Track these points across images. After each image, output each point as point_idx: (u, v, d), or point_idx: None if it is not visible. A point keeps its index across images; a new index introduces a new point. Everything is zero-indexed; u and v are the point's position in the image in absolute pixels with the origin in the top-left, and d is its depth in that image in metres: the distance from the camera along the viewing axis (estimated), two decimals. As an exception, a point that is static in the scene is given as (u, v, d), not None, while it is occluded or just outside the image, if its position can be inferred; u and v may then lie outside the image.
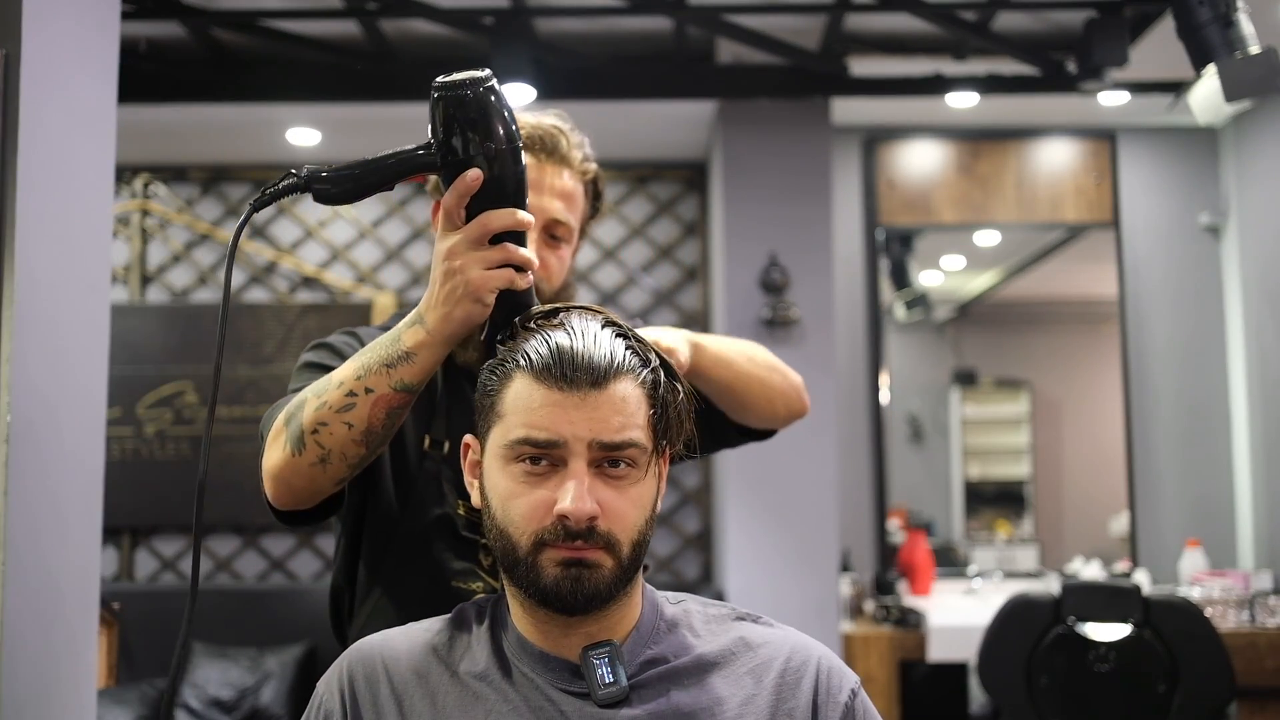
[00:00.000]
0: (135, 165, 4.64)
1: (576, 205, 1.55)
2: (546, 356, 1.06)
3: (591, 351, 1.06)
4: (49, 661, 1.70)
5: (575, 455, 1.04)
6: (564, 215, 1.52)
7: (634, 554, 1.07)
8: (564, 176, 1.52)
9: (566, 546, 1.04)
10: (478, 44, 3.74)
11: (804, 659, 1.13)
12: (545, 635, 1.10)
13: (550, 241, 1.52)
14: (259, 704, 3.84)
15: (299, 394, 1.29)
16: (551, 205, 1.51)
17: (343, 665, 1.13)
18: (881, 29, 3.81)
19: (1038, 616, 2.89)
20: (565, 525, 1.04)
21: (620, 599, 1.10)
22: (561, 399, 1.05)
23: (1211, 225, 4.43)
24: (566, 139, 1.53)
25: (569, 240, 1.55)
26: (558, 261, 1.53)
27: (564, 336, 1.07)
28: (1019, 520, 4.67)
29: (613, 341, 1.08)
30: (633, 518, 1.07)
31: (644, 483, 1.08)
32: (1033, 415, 4.69)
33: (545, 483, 1.05)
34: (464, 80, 1.13)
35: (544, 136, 1.51)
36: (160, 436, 4.53)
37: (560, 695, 1.08)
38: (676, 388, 1.12)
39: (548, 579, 1.05)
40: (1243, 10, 2.59)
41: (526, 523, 1.05)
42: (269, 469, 1.28)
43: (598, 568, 1.05)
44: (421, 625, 1.17)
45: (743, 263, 3.94)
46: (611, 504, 1.05)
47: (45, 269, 1.70)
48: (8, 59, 1.64)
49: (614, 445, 1.05)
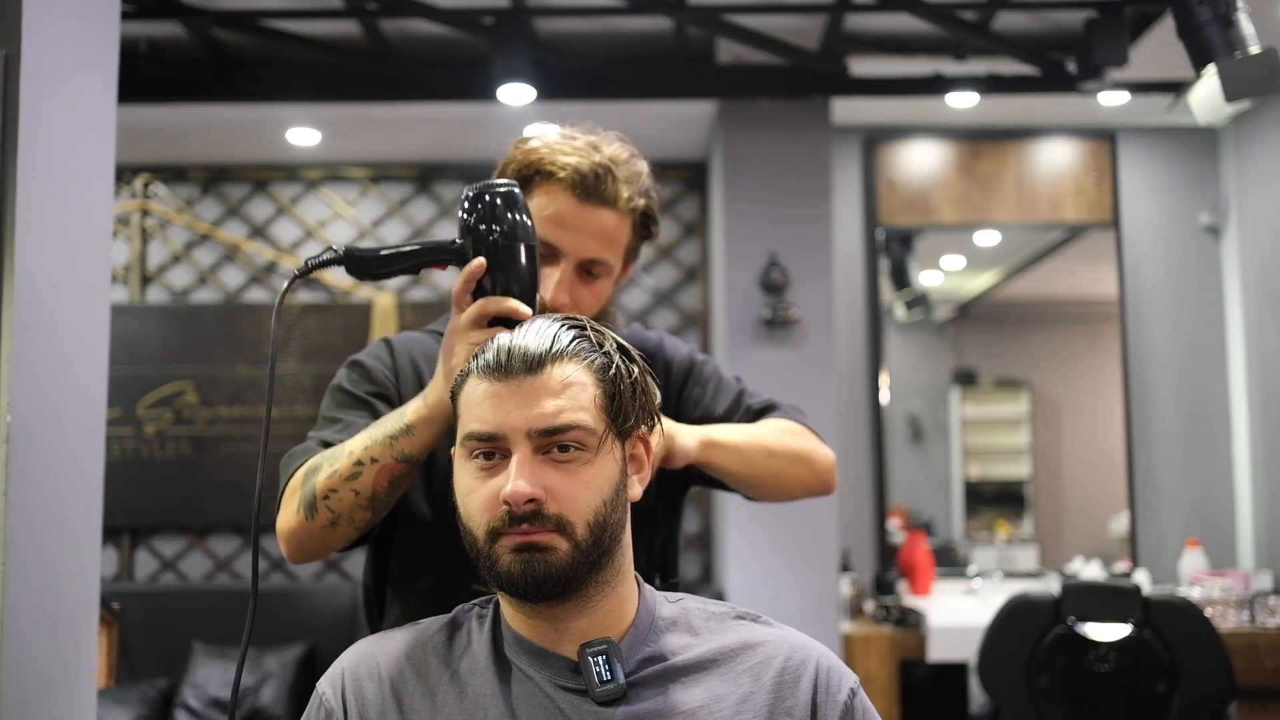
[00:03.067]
0: (135, 165, 4.64)
1: (618, 242, 1.52)
2: (489, 353, 1.10)
3: (529, 341, 1.09)
4: (49, 661, 1.70)
5: (516, 444, 1.07)
6: (601, 254, 1.50)
7: (592, 535, 1.07)
8: (604, 217, 1.49)
9: (517, 532, 1.06)
10: (478, 44, 3.74)
11: (803, 658, 1.13)
12: (538, 631, 1.11)
13: (585, 277, 1.51)
14: (259, 704, 3.84)
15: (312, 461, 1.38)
16: (587, 246, 1.48)
17: (343, 665, 1.14)
18: (881, 29, 3.81)
19: (1038, 616, 2.89)
20: (510, 511, 1.05)
21: (598, 588, 1.10)
22: (500, 389, 1.08)
23: (1211, 225, 4.43)
24: (614, 175, 1.49)
25: (607, 276, 1.53)
26: (592, 297, 1.52)
27: (511, 335, 1.11)
28: (1019, 520, 4.67)
29: (557, 331, 1.11)
30: (584, 499, 1.07)
31: (596, 464, 1.08)
32: (1033, 415, 4.69)
33: (495, 474, 1.08)
34: (486, 185, 1.31)
35: (586, 175, 1.48)
36: (160, 436, 4.53)
37: (558, 692, 1.08)
38: (632, 370, 1.13)
39: (502, 566, 1.06)
40: (1243, 10, 2.59)
41: (481, 515, 1.08)
42: (283, 531, 1.37)
43: (550, 550, 1.05)
44: (421, 625, 1.18)
45: (743, 263, 3.94)
46: (559, 487, 1.06)
47: (45, 269, 1.70)
48: (8, 59, 1.64)
49: (552, 430, 1.07)
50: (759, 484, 1.53)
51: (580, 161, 1.48)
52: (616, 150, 1.53)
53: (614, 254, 1.52)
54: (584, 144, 1.51)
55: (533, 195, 1.48)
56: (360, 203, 4.70)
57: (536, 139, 1.53)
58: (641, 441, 1.15)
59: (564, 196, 1.47)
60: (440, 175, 4.69)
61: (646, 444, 1.16)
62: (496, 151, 1.57)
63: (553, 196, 1.48)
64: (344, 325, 4.57)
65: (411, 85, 3.86)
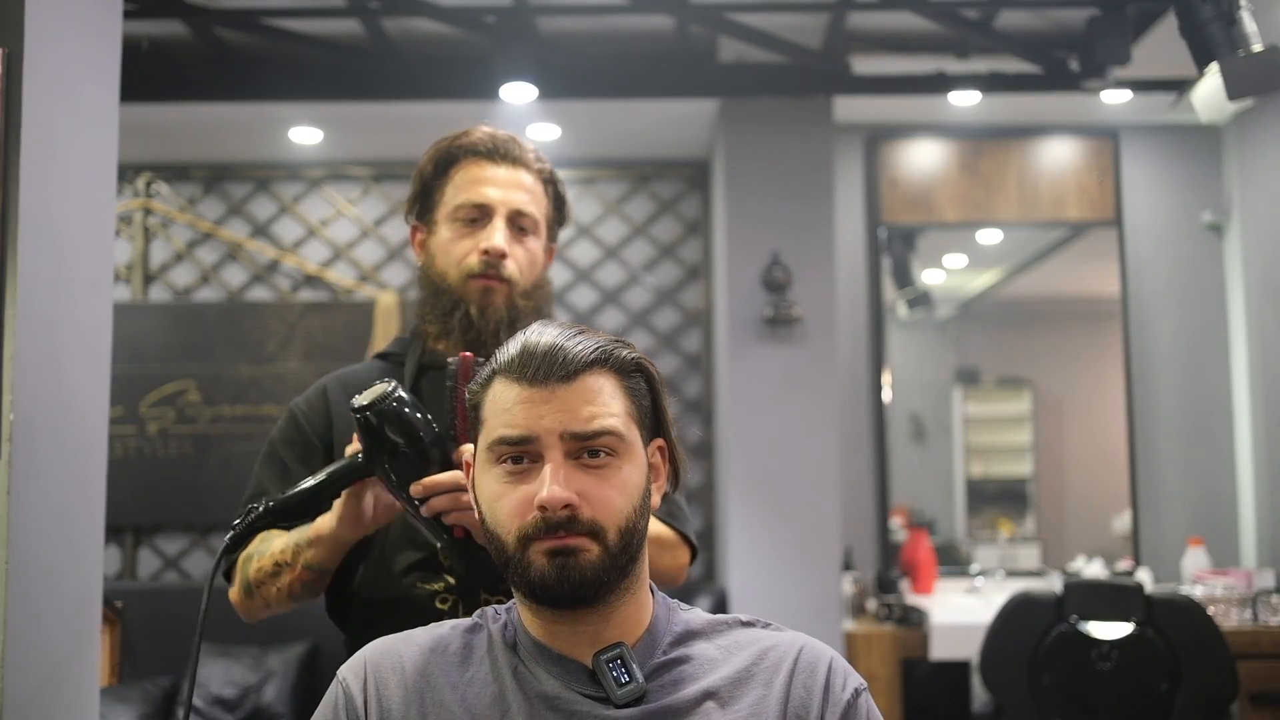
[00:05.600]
0: (138, 164, 4.64)
1: (538, 199, 1.65)
2: (516, 356, 1.10)
3: (559, 347, 1.09)
4: (52, 660, 1.71)
5: (550, 448, 1.07)
6: (526, 207, 1.63)
7: (622, 541, 1.08)
8: (520, 174, 1.64)
9: (551, 538, 1.05)
10: (480, 42, 3.74)
11: (813, 659, 1.14)
12: (555, 636, 1.11)
13: (517, 233, 1.63)
14: (261, 702, 3.85)
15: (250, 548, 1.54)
16: (513, 197, 1.62)
17: (365, 656, 1.14)
18: (884, 27, 3.81)
19: (1040, 615, 2.88)
20: (545, 517, 1.05)
21: (619, 594, 1.10)
22: (532, 394, 1.08)
23: (1214, 223, 4.42)
24: (518, 142, 1.65)
25: (535, 233, 1.65)
26: (525, 253, 1.63)
27: (534, 335, 1.11)
28: (1021, 519, 4.66)
29: (582, 339, 1.12)
30: (617, 504, 1.08)
31: (627, 470, 1.09)
32: (1035, 413, 4.68)
33: (526, 480, 1.08)
34: (370, 401, 1.33)
35: (496, 144, 1.64)
36: (163, 435, 4.53)
37: (575, 697, 1.08)
38: (654, 378, 1.16)
39: (535, 571, 1.06)
40: (1245, 8, 2.59)
41: (511, 520, 1.07)
42: (233, 600, 1.57)
43: (583, 553, 1.06)
44: (443, 626, 1.18)
45: (745, 261, 3.94)
46: (592, 492, 1.07)
47: (48, 267, 1.70)
48: (10, 58, 1.64)
49: (586, 435, 1.07)
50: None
51: (485, 133, 1.65)
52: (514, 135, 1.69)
53: (538, 209, 1.65)
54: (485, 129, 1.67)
55: (455, 175, 1.63)
56: (362, 201, 4.70)
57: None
58: (659, 451, 1.16)
59: (482, 162, 1.63)
60: (442, 174, 4.70)
61: (663, 453, 1.17)
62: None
63: (471, 165, 1.63)
64: (346, 324, 4.57)
65: (413, 84, 3.86)
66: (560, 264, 4.59)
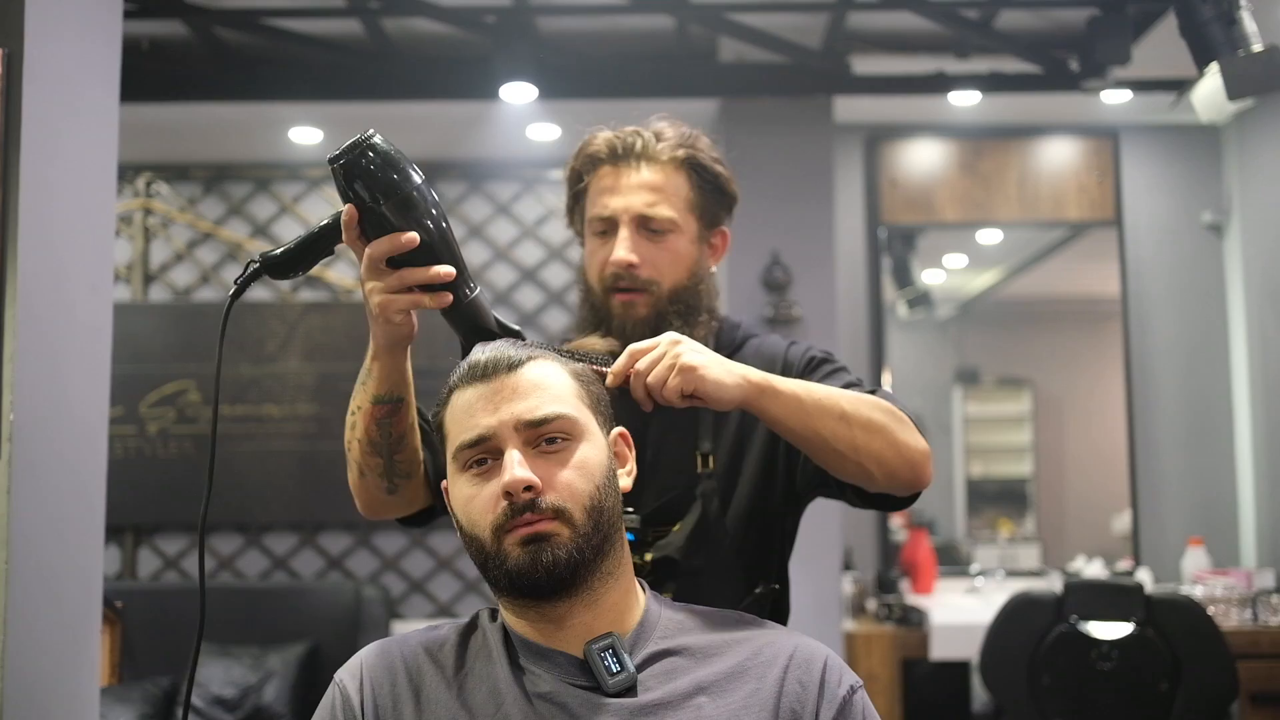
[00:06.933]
0: (138, 164, 4.64)
1: (670, 194, 1.55)
2: (465, 369, 1.16)
3: (501, 350, 1.16)
4: (52, 660, 1.71)
5: (507, 440, 1.11)
6: (652, 208, 1.53)
7: (591, 520, 1.10)
8: (643, 172, 1.55)
9: (520, 524, 1.08)
10: (480, 42, 3.74)
11: (808, 655, 1.15)
12: (542, 632, 1.13)
13: (651, 236, 1.54)
14: (261, 702, 3.85)
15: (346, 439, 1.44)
16: (635, 201, 1.53)
17: (362, 658, 1.17)
18: (884, 27, 3.81)
19: (1040, 615, 2.88)
20: (511, 503, 1.08)
21: (601, 579, 1.12)
22: (482, 391, 1.13)
23: (1214, 223, 4.42)
24: (642, 136, 1.55)
25: (674, 230, 1.55)
26: (667, 255, 1.54)
27: (478, 352, 1.17)
28: (1021, 519, 4.66)
29: (529, 347, 1.18)
30: (579, 485, 1.11)
31: (584, 451, 1.13)
32: (1035, 413, 4.68)
33: (492, 476, 1.11)
34: (343, 149, 1.27)
35: (616, 143, 1.56)
36: (163, 435, 4.53)
37: (567, 689, 1.10)
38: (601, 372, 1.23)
39: (511, 562, 1.09)
40: (1245, 8, 2.59)
41: (484, 517, 1.10)
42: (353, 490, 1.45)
43: (554, 537, 1.08)
44: (438, 626, 1.21)
45: (745, 261, 3.94)
46: (554, 476, 1.10)
47: (48, 268, 1.70)
48: (10, 58, 1.64)
49: (538, 421, 1.11)
50: (825, 449, 1.32)
51: (610, 136, 1.57)
52: (653, 122, 1.59)
53: (670, 206, 1.54)
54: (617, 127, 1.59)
55: (589, 185, 1.58)
56: (362, 201, 4.71)
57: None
58: (622, 438, 1.21)
59: (604, 170, 1.56)
60: (443, 174, 4.69)
61: (627, 440, 1.22)
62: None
63: (599, 174, 1.57)
64: (346, 323, 4.57)
65: (413, 84, 3.86)
66: (560, 264, 4.59)
